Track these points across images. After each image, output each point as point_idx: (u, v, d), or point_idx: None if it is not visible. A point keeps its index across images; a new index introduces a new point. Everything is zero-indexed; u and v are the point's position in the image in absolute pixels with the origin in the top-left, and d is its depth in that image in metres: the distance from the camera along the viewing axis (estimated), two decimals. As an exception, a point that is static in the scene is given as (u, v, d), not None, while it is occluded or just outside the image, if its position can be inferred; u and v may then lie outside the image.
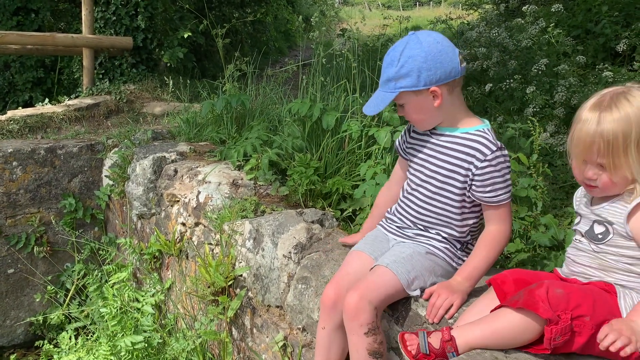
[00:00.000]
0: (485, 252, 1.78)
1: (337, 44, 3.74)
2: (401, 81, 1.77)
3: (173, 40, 7.23)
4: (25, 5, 7.07)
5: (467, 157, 1.79)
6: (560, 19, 5.58)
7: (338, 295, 1.87)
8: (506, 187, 1.77)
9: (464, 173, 1.79)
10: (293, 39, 14.00)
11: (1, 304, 4.22)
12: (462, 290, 1.75)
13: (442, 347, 1.53)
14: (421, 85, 1.76)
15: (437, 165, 1.87)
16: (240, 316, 2.72)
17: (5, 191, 4.09)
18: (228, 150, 3.58)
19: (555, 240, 2.43)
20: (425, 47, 1.74)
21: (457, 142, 1.83)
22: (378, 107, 1.83)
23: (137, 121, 5.30)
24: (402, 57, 1.76)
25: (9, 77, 7.11)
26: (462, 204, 1.85)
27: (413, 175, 1.96)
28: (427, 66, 1.74)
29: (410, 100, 1.81)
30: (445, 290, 1.74)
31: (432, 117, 1.85)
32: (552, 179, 3.40)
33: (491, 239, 1.79)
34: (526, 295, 1.42)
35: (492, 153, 1.74)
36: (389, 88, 1.81)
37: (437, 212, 1.89)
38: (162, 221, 3.55)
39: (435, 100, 1.79)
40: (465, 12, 8.93)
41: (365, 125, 3.11)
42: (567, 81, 4.06)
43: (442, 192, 1.86)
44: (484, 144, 1.76)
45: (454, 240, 1.91)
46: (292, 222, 2.54)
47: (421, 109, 1.82)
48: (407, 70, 1.75)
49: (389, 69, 1.80)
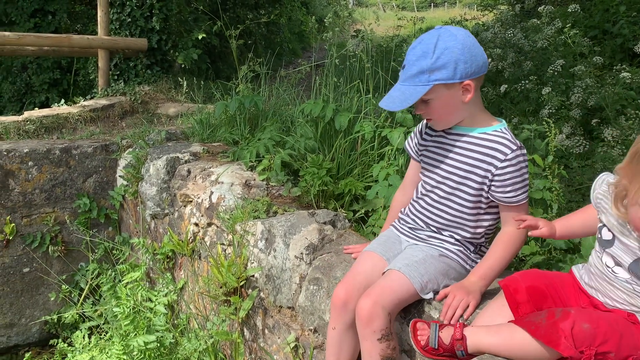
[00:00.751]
0: (501, 252, 1.76)
1: (350, 45, 3.73)
2: (436, 73, 1.70)
3: (187, 42, 7.27)
4: (43, 8, 7.16)
5: (486, 157, 1.76)
6: (577, 19, 5.52)
7: (348, 295, 1.85)
8: (525, 186, 1.75)
9: (482, 174, 1.76)
10: (307, 40, 14.02)
11: (17, 302, 4.26)
12: (476, 290, 1.73)
13: (451, 344, 1.51)
14: (457, 78, 1.70)
15: (454, 166, 1.84)
16: (252, 317, 2.72)
17: (21, 191, 4.13)
18: (241, 151, 3.58)
19: (570, 243, 2.39)
20: (460, 39, 1.70)
21: (476, 143, 1.79)
22: (407, 102, 1.73)
23: (151, 122, 5.33)
24: (437, 48, 1.70)
25: (27, 79, 7.20)
26: (477, 205, 1.83)
27: (428, 177, 1.94)
28: (464, 58, 1.69)
29: (441, 94, 1.74)
30: (460, 291, 1.72)
31: (457, 114, 1.80)
32: (567, 181, 3.36)
33: (507, 240, 1.77)
34: (548, 327, 1.35)
35: (513, 152, 1.72)
36: (420, 81, 1.72)
37: (452, 214, 1.86)
38: (175, 221, 3.57)
39: (466, 95, 1.74)
40: (480, 13, 8.88)
41: (378, 126, 3.10)
42: (584, 82, 4.02)
43: (457, 192, 1.83)
44: (504, 144, 1.73)
45: (467, 243, 1.89)
46: (304, 223, 2.53)
47: (449, 105, 1.76)
48: (444, 62, 1.69)
49: (422, 60, 1.71)
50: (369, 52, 3.50)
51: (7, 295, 4.22)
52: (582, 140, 3.61)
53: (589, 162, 3.61)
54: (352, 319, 1.85)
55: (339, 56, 3.58)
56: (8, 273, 4.18)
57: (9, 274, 4.19)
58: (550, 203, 2.59)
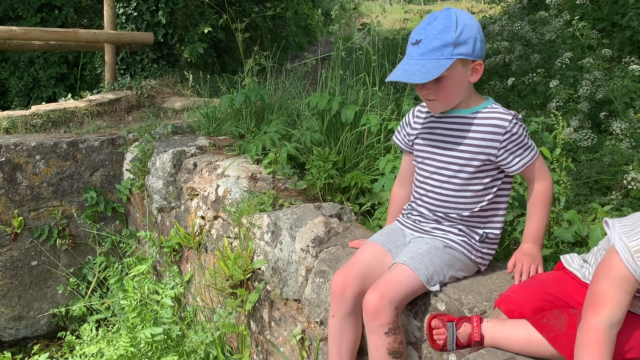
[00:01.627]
0: (541, 211, 1.83)
1: (356, 38, 3.72)
2: (459, 48, 1.70)
3: (193, 36, 7.26)
4: (49, 2, 7.17)
5: (487, 135, 1.79)
6: (585, 11, 5.48)
7: (345, 282, 1.86)
8: (531, 144, 1.80)
9: (487, 152, 1.79)
10: (313, 34, 13.97)
11: (25, 295, 4.29)
12: (537, 253, 1.81)
13: (468, 343, 1.50)
14: (475, 55, 1.74)
15: (454, 149, 1.85)
16: (258, 309, 2.73)
17: (28, 184, 4.15)
18: (247, 144, 3.58)
19: (578, 237, 2.38)
20: (474, 19, 1.75)
21: (472, 123, 1.82)
22: (431, 74, 1.69)
23: (157, 116, 5.34)
24: (459, 24, 1.70)
25: (34, 73, 7.22)
26: (483, 186, 1.84)
27: (424, 164, 1.94)
28: (480, 37, 1.74)
29: (456, 72, 1.74)
30: (526, 257, 1.79)
31: (461, 94, 1.82)
32: (575, 174, 3.34)
33: (541, 197, 1.83)
34: (570, 338, 1.34)
35: (510, 122, 1.77)
36: (443, 55, 1.70)
37: (453, 195, 1.86)
38: (181, 214, 3.57)
39: (475, 75, 1.78)
40: (488, 5, 8.82)
41: (384, 119, 3.09)
42: (592, 75, 3.99)
43: (459, 174, 1.84)
44: (500, 118, 1.78)
45: (472, 232, 1.88)
46: (310, 216, 2.53)
47: (459, 83, 1.77)
48: (466, 37, 1.71)
49: (445, 34, 1.70)
50: (375, 45, 3.48)
51: (16, 288, 4.24)
52: (590, 133, 3.59)
53: (597, 156, 3.59)
54: (351, 306, 1.86)
55: (345, 49, 3.56)
56: (16, 266, 4.21)
57: (17, 267, 4.22)
58: (557, 196, 2.58)
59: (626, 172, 2.93)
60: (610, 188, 3.22)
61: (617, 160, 3.38)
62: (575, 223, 2.45)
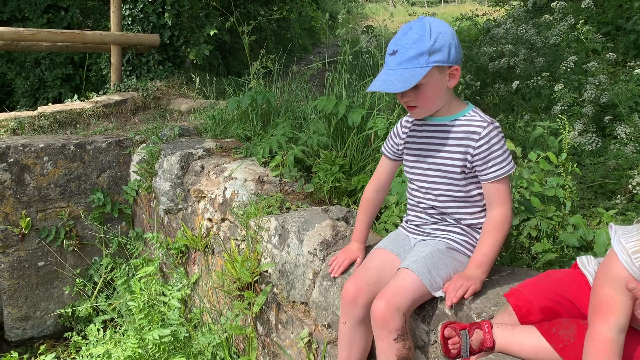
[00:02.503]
0: (492, 238, 1.79)
1: (363, 41, 3.74)
2: (434, 55, 1.74)
3: (199, 38, 7.29)
4: (56, 3, 7.21)
5: (463, 141, 1.82)
6: (590, 15, 5.49)
7: (358, 290, 1.88)
8: (506, 159, 1.79)
9: (462, 157, 1.82)
10: (317, 36, 14.01)
11: (32, 295, 4.32)
12: (475, 278, 1.77)
13: (480, 349, 1.51)
14: (451, 61, 1.77)
15: (435, 156, 1.90)
16: (265, 312, 2.75)
17: (36, 185, 4.18)
18: (254, 147, 3.60)
19: (584, 241, 2.40)
20: (447, 26, 1.79)
21: (451, 130, 1.86)
22: (409, 83, 1.73)
23: (163, 117, 5.37)
24: (433, 32, 1.74)
25: (40, 74, 7.25)
26: (466, 181, 1.87)
27: (413, 172, 1.98)
28: (454, 43, 1.77)
29: (434, 79, 1.78)
30: (461, 278, 1.76)
31: (440, 101, 1.85)
32: (580, 178, 3.35)
33: (495, 224, 1.80)
34: (577, 349, 1.34)
35: (485, 129, 1.79)
36: (419, 63, 1.74)
37: (446, 195, 1.90)
38: (188, 216, 3.60)
39: (452, 81, 1.81)
40: (492, 8, 8.85)
41: (391, 122, 3.11)
42: (597, 79, 4.01)
43: (446, 174, 1.88)
44: (476, 125, 1.81)
45: (472, 231, 1.91)
46: (318, 219, 2.55)
47: (437, 90, 1.81)
48: (441, 44, 1.74)
49: (420, 43, 1.74)
50: (382, 48, 3.50)
51: (23, 289, 4.28)
52: (595, 137, 3.61)
53: (601, 160, 3.60)
54: (362, 314, 1.89)
55: (352, 52, 3.58)
56: (24, 266, 4.24)
57: (25, 267, 4.25)
58: (563, 200, 2.59)
59: (631, 177, 2.95)
60: (614, 192, 3.24)
61: (621, 164, 3.39)
62: (580, 227, 2.47)
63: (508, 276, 1.92)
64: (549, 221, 2.56)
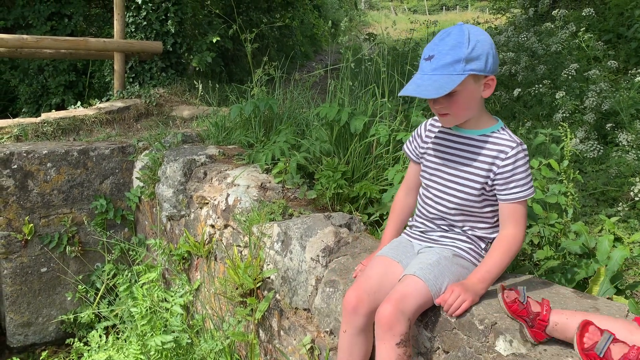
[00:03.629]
0: (499, 257, 1.78)
1: (365, 49, 3.76)
2: (472, 63, 1.72)
3: (202, 45, 7.33)
4: (59, 11, 7.25)
5: (488, 158, 1.80)
6: (591, 23, 5.52)
7: (359, 299, 1.88)
8: (528, 182, 1.78)
9: (484, 174, 1.81)
10: (319, 43, 14.06)
11: (34, 301, 4.33)
12: (474, 291, 1.75)
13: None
14: (488, 70, 1.74)
15: (457, 168, 1.88)
16: (267, 318, 2.75)
17: (39, 192, 4.19)
18: (256, 153, 3.62)
19: (586, 248, 2.40)
20: (487, 35, 1.76)
21: (478, 145, 1.84)
22: (444, 89, 1.71)
23: (166, 124, 5.39)
24: (471, 40, 1.72)
25: (43, 81, 7.29)
26: (482, 197, 1.86)
27: (431, 179, 1.97)
28: (493, 52, 1.74)
29: (468, 87, 1.75)
30: (458, 288, 1.74)
31: (472, 110, 1.83)
32: (582, 186, 3.36)
33: (505, 244, 1.79)
34: None
35: (513, 150, 1.77)
36: (455, 70, 1.72)
37: (459, 209, 1.89)
38: (191, 223, 3.61)
39: (487, 91, 1.79)
40: (493, 16, 8.89)
41: (393, 129, 3.12)
42: (598, 86, 4.02)
43: (464, 189, 1.86)
44: (504, 144, 1.79)
45: (478, 239, 1.91)
46: (320, 226, 2.56)
47: (471, 99, 1.79)
48: (479, 53, 1.72)
49: (457, 49, 1.72)
50: (385, 56, 3.52)
51: (25, 295, 4.28)
52: (596, 144, 3.62)
53: (603, 167, 3.61)
54: (363, 323, 1.89)
55: (355, 60, 3.60)
56: (26, 272, 4.25)
57: (27, 273, 4.26)
58: (565, 208, 2.60)
59: (633, 184, 2.95)
60: (616, 199, 3.25)
61: (623, 171, 3.40)
62: (582, 235, 2.47)
63: (510, 283, 1.92)
64: (551, 228, 2.57)
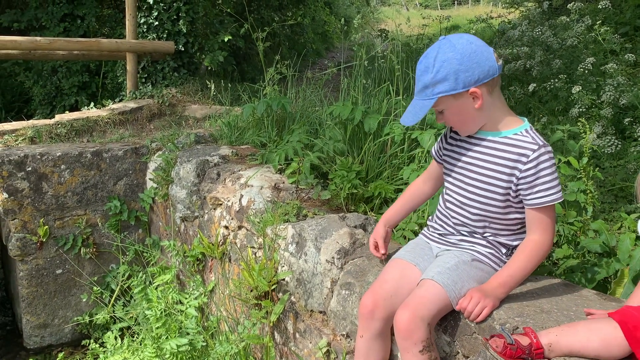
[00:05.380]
0: (524, 262, 1.73)
1: (378, 46, 3.72)
2: (438, 86, 1.73)
3: (214, 44, 7.31)
4: (72, 12, 7.28)
5: (509, 162, 1.75)
6: (607, 15, 5.42)
7: (376, 304, 1.86)
8: (554, 186, 1.70)
9: (507, 178, 1.76)
10: (330, 40, 14.00)
11: (50, 303, 4.35)
12: (495, 296, 1.71)
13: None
14: (460, 87, 1.71)
15: (478, 172, 1.84)
16: (282, 320, 2.73)
17: (54, 194, 4.21)
18: (269, 153, 3.60)
19: (606, 247, 2.35)
20: (459, 49, 1.71)
21: (498, 148, 1.79)
22: (417, 116, 1.78)
23: (179, 124, 5.39)
24: (437, 62, 1.72)
25: (56, 82, 7.32)
26: (507, 204, 1.81)
27: (453, 183, 1.93)
28: (463, 68, 1.70)
29: (450, 105, 1.76)
30: (478, 294, 1.70)
31: (475, 120, 1.80)
32: (600, 182, 3.30)
33: (530, 250, 1.74)
34: None
35: (535, 152, 1.70)
36: (426, 95, 1.77)
37: (482, 215, 1.85)
38: (205, 224, 3.60)
39: (476, 102, 1.74)
40: (506, 10, 8.77)
41: (408, 128, 3.08)
42: (615, 80, 3.94)
43: (486, 194, 1.82)
44: (526, 147, 1.73)
45: (499, 245, 1.87)
46: (335, 227, 2.53)
47: (462, 113, 1.78)
48: (444, 74, 1.71)
49: (424, 76, 1.76)
50: (398, 53, 3.48)
51: (41, 296, 4.31)
52: (614, 139, 3.55)
53: (621, 162, 3.54)
54: (379, 327, 1.87)
55: (368, 57, 3.56)
56: (42, 274, 4.27)
57: (43, 275, 4.28)
58: (584, 205, 2.55)
59: (653, 180, 2.88)
60: (636, 195, 3.18)
61: (643, 167, 3.33)
62: (602, 233, 2.42)
63: (532, 286, 1.88)
64: (570, 227, 2.52)
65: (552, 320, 1.61)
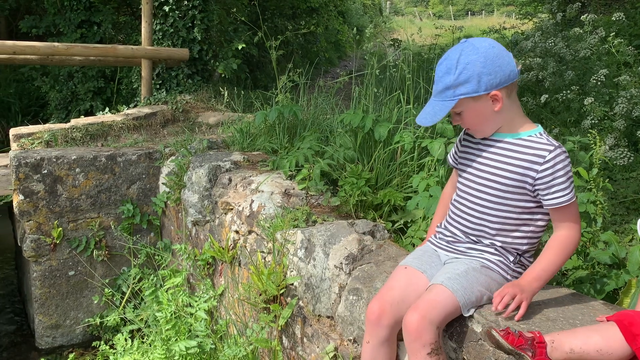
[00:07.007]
0: (554, 256, 1.76)
1: (390, 55, 3.75)
2: (460, 88, 1.76)
3: (227, 52, 7.40)
4: (89, 19, 7.41)
5: (524, 162, 1.78)
6: (621, 27, 5.42)
7: (382, 310, 1.88)
8: (570, 184, 1.74)
9: (521, 179, 1.78)
10: (343, 49, 14.07)
11: (62, 304, 4.40)
12: (530, 290, 1.74)
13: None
14: (482, 90, 1.75)
15: (494, 174, 1.85)
16: (290, 325, 2.75)
17: (68, 196, 4.27)
18: (280, 160, 3.63)
19: (616, 258, 2.35)
20: (482, 52, 1.74)
21: (512, 149, 1.82)
22: (436, 117, 1.80)
23: (192, 130, 5.45)
24: (460, 64, 1.75)
25: (72, 87, 7.44)
26: (521, 210, 1.83)
27: (466, 185, 1.95)
28: (487, 70, 1.73)
29: (469, 107, 1.79)
30: (514, 288, 1.72)
31: (492, 123, 1.84)
32: (611, 194, 3.29)
33: (559, 243, 1.77)
34: None
35: (551, 153, 1.73)
36: (446, 96, 1.79)
37: (494, 221, 1.86)
38: (216, 228, 3.63)
39: (496, 105, 1.78)
40: (520, 21, 8.77)
41: (418, 136, 3.11)
42: (629, 92, 3.93)
43: (501, 199, 1.84)
44: (540, 148, 1.76)
45: (507, 252, 1.88)
46: (344, 233, 2.56)
47: (480, 115, 1.81)
48: (467, 76, 1.74)
49: (446, 77, 1.78)
50: (410, 62, 3.51)
51: (54, 297, 4.36)
52: (627, 152, 3.54)
53: (633, 175, 3.54)
54: (386, 334, 1.88)
55: (380, 66, 3.59)
56: (55, 276, 4.33)
57: (56, 276, 4.33)
58: (594, 217, 2.55)
59: (665, 193, 2.88)
60: (647, 208, 3.17)
61: (655, 180, 3.32)
62: (612, 244, 2.42)
63: (538, 293, 1.89)
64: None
65: (557, 328, 1.63)
